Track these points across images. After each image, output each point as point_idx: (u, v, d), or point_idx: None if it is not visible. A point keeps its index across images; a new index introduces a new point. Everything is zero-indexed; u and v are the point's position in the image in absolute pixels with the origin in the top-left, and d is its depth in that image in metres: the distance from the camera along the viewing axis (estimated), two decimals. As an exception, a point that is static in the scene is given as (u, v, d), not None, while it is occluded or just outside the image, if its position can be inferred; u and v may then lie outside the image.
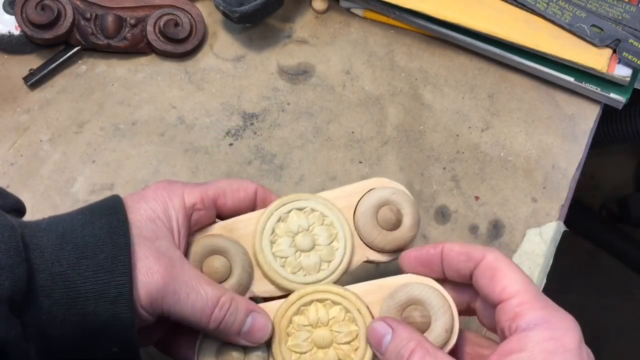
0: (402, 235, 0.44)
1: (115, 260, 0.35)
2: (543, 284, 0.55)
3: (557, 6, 0.62)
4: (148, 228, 0.38)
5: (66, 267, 0.34)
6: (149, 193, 0.40)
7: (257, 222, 0.43)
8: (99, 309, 0.34)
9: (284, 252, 0.43)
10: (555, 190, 0.59)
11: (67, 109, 0.58)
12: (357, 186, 0.45)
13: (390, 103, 0.62)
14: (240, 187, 0.43)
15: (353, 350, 0.41)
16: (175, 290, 0.37)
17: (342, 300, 0.42)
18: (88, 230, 0.35)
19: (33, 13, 0.57)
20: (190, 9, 0.61)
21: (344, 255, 0.43)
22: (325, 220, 0.44)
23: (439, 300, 0.41)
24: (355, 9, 0.65)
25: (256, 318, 0.39)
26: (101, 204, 0.38)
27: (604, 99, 0.62)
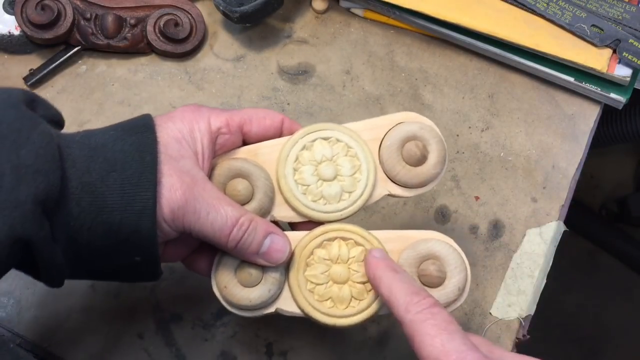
0: (426, 171, 0.44)
1: (142, 177, 0.36)
2: (543, 284, 0.56)
3: (557, 6, 0.62)
4: (174, 147, 0.39)
5: (95, 178, 0.36)
6: (177, 114, 0.41)
7: (282, 149, 0.43)
8: (124, 220, 0.36)
9: (306, 180, 0.43)
10: (555, 190, 0.59)
11: (67, 109, 0.58)
12: (384, 119, 0.45)
13: (390, 103, 0.62)
14: (267, 116, 0.44)
15: (367, 291, 0.42)
16: (196, 208, 0.38)
17: (364, 243, 0.42)
18: (118, 145, 0.37)
19: (33, 13, 0.57)
20: (190, 9, 0.61)
21: (365, 186, 0.43)
22: (350, 151, 0.44)
23: (457, 260, 0.42)
24: (355, 9, 0.65)
25: (275, 239, 0.40)
26: (133, 122, 0.39)
27: (604, 99, 0.62)
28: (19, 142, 0.34)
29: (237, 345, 0.51)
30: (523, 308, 0.54)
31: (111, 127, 0.40)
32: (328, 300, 0.42)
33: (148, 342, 0.51)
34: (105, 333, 0.51)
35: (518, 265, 0.56)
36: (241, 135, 0.43)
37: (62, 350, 0.50)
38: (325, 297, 0.42)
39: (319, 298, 0.42)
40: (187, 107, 0.42)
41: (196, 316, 0.52)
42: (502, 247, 0.56)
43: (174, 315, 0.52)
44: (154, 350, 0.51)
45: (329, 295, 0.42)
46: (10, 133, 0.34)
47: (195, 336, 0.51)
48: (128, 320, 0.51)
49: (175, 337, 0.51)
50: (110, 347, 0.50)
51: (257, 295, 0.41)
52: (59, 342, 0.50)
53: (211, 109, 0.43)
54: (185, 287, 0.53)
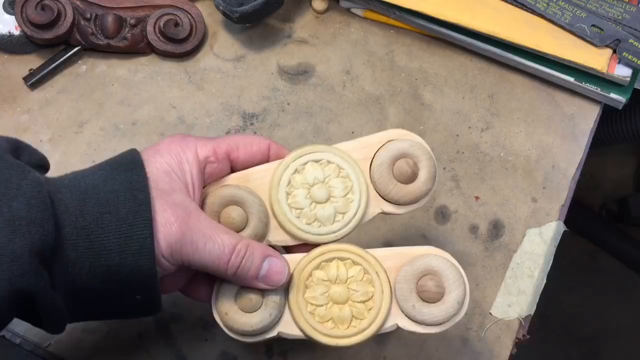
0: (417, 189, 0.44)
1: (136, 215, 0.36)
2: (543, 284, 0.55)
3: (557, 6, 0.62)
4: (164, 181, 0.39)
5: (90, 222, 0.36)
6: (163, 147, 0.41)
7: (274, 173, 0.43)
8: (122, 261, 0.36)
9: (299, 204, 0.43)
10: (555, 190, 0.59)
11: (67, 109, 0.58)
12: (374, 137, 0.45)
13: (390, 103, 0.62)
14: (253, 142, 0.44)
15: (367, 310, 0.42)
16: (193, 240, 0.38)
17: (362, 262, 0.43)
18: (109, 185, 0.37)
19: (33, 13, 0.57)
20: (190, 9, 0.61)
21: (358, 207, 0.44)
22: (341, 172, 0.44)
23: (455, 274, 0.42)
24: (355, 9, 0.65)
25: (273, 262, 0.41)
26: (120, 160, 0.39)
27: (604, 99, 0.62)
28: (9, 193, 0.34)
29: (237, 345, 0.51)
30: (523, 308, 0.54)
31: (99, 166, 0.39)
32: (329, 322, 0.42)
33: (148, 342, 0.51)
34: (105, 333, 0.51)
35: (518, 265, 0.56)
36: (229, 162, 0.43)
37: (62, 350, 0.50)
38: (326, 318, 0.42)
39: (320, 319, 0.42)
40: (174, 138, 0.42)
41: (196, 316, 0.52)
42: (502, 247, 0.56)
43: (174, 315, 0.52)
44: (154, 350, 0.51)
45: (330, 316, 0.42)
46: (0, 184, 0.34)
47: (195, 336, 0.51)
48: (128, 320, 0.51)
49: (175, 337, 0.51)
50: (110, 347, 0.50)
51: (259, 320, 0.41)
52: (59, 342, 0.50)
53: (197, 138, 0.42)
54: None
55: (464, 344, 0.53)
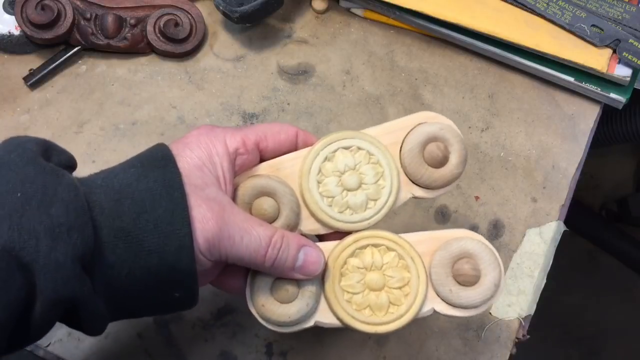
0: (448, 172, 0.43)
1: (174, 214, 0.36)
2: (543, 284, 0.55)
3: (557, 6, 0.62)
4: (196, 176, 0.38)
5: (127, 223, 0.35)
6: (192, 140, 0.40)
7: (304, 162, 0.43)
8: (162, 261, 0.36)
9: (331, 192, 0.43)
10: (555, 190, 0.59)
11: (67, 109, 0.58)
12: (403, 121, 0.44)
13: (390, 103, 0.62)
14: (281, 130, 0.43)
15: (404, 296, 0.42)
16: (230, 234, 0.38)
17: (396, 247, 0.42)
18: (143, 184, 0.36)
19: (33, 13, 0.57)
20: (190, 9, 0.61)
21: (390, 193, 0.43)
22: (372, 158, 0.43)
23: (490, 256, 0.42)
24: (355, 9, 0.65)
25: (308, 252, 0.40)
26: (151, 155, 0.38)
27: (604, 99, 0.62)
28: (46, 199, 0.33)
29: (237, 345, 0.51)
30: (523, 308, 0.54)
31: (129, 163, 0.38)
32: (366, 309, 0.42)
33: (148, 342, 0.51)
34: (105, 333, 0.51)
35: (518, 265, 0.56)
36: (258, 152, 0.43)
37: (62, 350, 0.50)
38: (363, 305, 0.42)
39: (357, 307, 0.42)
40: (201, 130, 0.41)
41: (196, 316, 0.52)
42: (502, 247, 0.56)
43: (174, 315, 0.52)
44: (154, 350, 0.51)
45: (367, 304, 0.42)
46: (35, 192, 0.33)
47: (195, 336, 0.51)
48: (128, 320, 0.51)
49: (175, 337, 0.51)
50: (110, 347, 0.50)
51: (296, 310, 0.41)
52: (59, 342, 0.50)
53: (225, 128, 0.42)
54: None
55: (464, 344, 0.53)
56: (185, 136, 0.41)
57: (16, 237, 0.31)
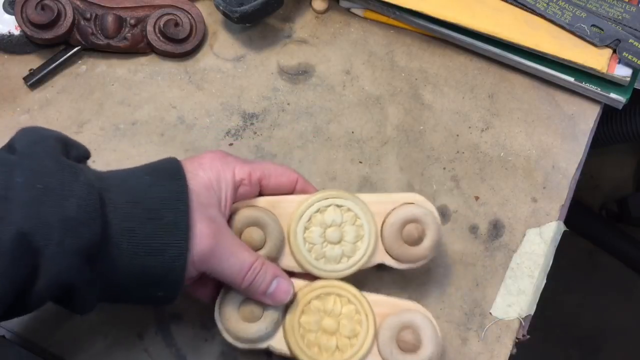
0: (419, 252, 0.49)
1: (177, 225, 0.40)
2: (543, 284, 0.55)
3: (557, 6, 0.62)
4: (204, 195, 0.43)
5: (135, 224, 0.39)
6: (206, 162, 0.45)
7: (298, 207, 0.48)
8: (158, 264, 0.40)
9: (313, 239, 0.48)
10: (555, 190, 0.59)
11: (67, 109, 0.58)
12: (393, 196, 0.50)
13: (390, 103, 0.62)
14: (284, 173, 0.48)
15: (350, 346, 0.47)
16: (220, 253, 0.42)
17: (356, 302, 0.48)
18: (155, 192, 0.40)
19: (33, 13, 0.57)
20: (190, 9, 0.61)
21: (364, 254, 0.49)
22: (357, 221, 0.49)
23: (432, 333, 0.47)
24: (355, 9, 0.65)
25: (281, 282, 0.45)
26: (164, 167, 0.43)
27: (604, 99, 0.62)
28: (63, 194, 0.37)
29: (237, 345, 0.51)
30: (523, 308, 0.54)
31: (144, 169, 0.42)
32: (315, 347, 0.47)
33: (148, 342, 0.51)
34: (105, 333, 0.51)
35: (518, 265, 0.56)
36: (259, 187, 0.48)
37: (62, 350, 0.50)
38: (314, 343, 0.47)
39: (308, 343, 0.47)
40: (216, 156, 0.45)
41: (196, 316, 0.52)
42: (502, 247, 0.56)
43: (174, 315, 0.52)
44: (154, 350, 0.51)
45: (317, 343, 0.47)
46: (54, 186, 0.37)
47: (195, 336, 0.51)
48: (128, 320, 0.51)
49: (175, 337, 0.51)
50: (110, 347, 0.50)
51: (255, 330, 0.46)
52: (59, 342, 0.50)
53: (236, 159, 0.46)
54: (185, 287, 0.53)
55: (464, 344, 0.53)
56: (201, 156, 0.45)
57: (32, 224, 0.35)
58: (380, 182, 0.58)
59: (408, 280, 0.54)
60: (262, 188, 0.48)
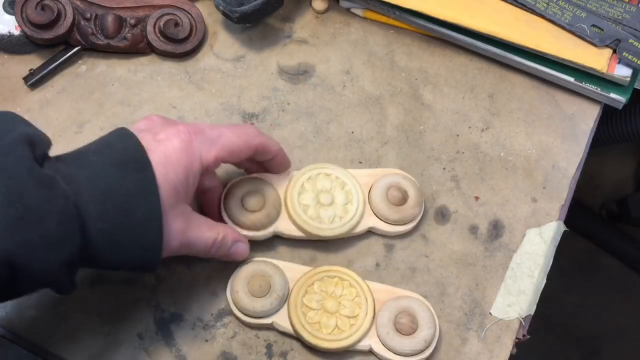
0: (405, 212, 0.54)
1: (151, 218, 0.42)
2: (543, 284, 0.55)
3: (557, 6, 0.62)
4: (171, 195, 0.44)
5: (110, 224, 0.40)
6: (173, 157, 0.44)
7: (292, 177, 0.54)
8: (134, 256, 0.42)
9: (307, 202, 0.53)
10: (555, 190, 0.59)
11: (67, 109, 0.58)
12: (378, 171, 0.56)
13: (390, 103, 0.62)
14: (244, 145, 0.49)
15: (349, 325, 0.50)
16: (189, 240, 0.46)
17: (357, 287, 0.51)
18: (123, 188, 0.41)
19: (33, 13, 0.57)
20: (190, 9, 0.61)
21: (354, 214, 0.53)
22: (345, 187, 0.54)
23: (429, 318, 0.51)
24: (355, 9, 0.65)
25: (238, 246, 0.50)
26: (128, 155, 0.43)
27: (604, 99, 0.62)
28: (41, 212, 0.38)
29: (237, 346, 0.51)
30: (523, 308, 0.54)
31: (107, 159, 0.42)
32: (316, 324, 0.50)
33: (148, 342, 0.51)
34: (105, 333, 0.51)
35: (518, 265, 0.56)
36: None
37: (62, 350, 0.50)
38: (314, 320, 0.50)
39: (309, 320, 0.50)
40: (182, 144, 0.45)
41: (196, 316, 0.52)
42: (502, 247, 0.56)
43: (174, 315, 0.52)
44: (154, 350, 0.51)
45: (318, 320, 0.50)
46: (33, 204, 0.37)
47: (196, 336, 0.51)
48: (128, 320, 0.51)
49: (175, 337, 0.51)
50: (110, 347, 0.50)
51: (260, 305, 0.50)
52: (59, 342, 0.50)
53: (201, 142, 0.46)
54: (185, 287, 0.53)
55: (463, 344, 0.53)
56: (166, 141, 0.44)
57: (15, 247, 0.36)
58: (380, 182, 0.58)
59: (408, 280, 0.54)
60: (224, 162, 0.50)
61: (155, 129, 0.45)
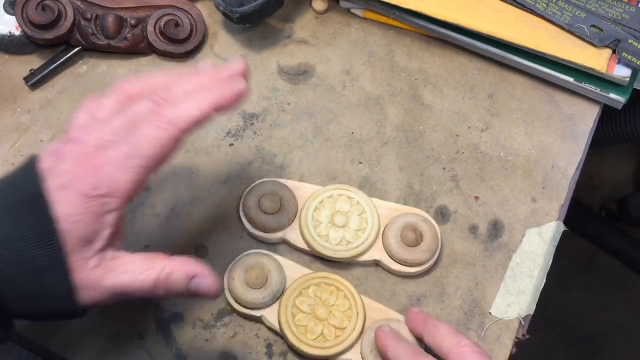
0: (415, 256, 0.53)
1: (52, 262, 0.37)
2: (543, 284, 0.56)
3: (557, 6, 0.62)
4: (78, 244, 0.39)
5: (10, 273, 0.37)
6: (80, 204, 0.39)
7: (314, 191, 0.55)
8: (49, 305, 0.39)
9: (321, 219, 0.54)
10: (555, 190, 0.59)
11: (67, 109, 0.58)
12: (403, 207, 0.56)
13: (390, 103, 0.62)
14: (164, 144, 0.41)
15: (335, 336, 0.50)
16: (115, 287, 0.40)
17: (351, 299, 0.51)
18: (18, 232, 0.37)
19: (34, 13, 0.57)
20: (190, 9, 0.61)
21: (362, 244, 0.53)
22: (363, 214, 0.54)
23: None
24: (355, 9, 0.65)
25: (198, 282, 0.42)
26: (28, 195, 0.38)
27: (604, 99, 0.62)
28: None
29: (237, 345, 0.51)
30: (523, 308, 0.54)
31: (7, 200, 0.38)
32: (302, 327, 0.50)
33: (148, 342, 0.51)
34: (105, 333, 0.51)
35: (518, 265, 0.56)
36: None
37: (62, 350, 0.50)
38: (302, 323, 0.50)
39: (297, 322, 0.50)
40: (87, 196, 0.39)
41: (197, 316, 0.52)
42: (501, 247, 0.56)
43: (174, 315, 0.52)
44: (154, 350, 0.51)
45: (305, 324, 0.50)
46: None
47: (196, 336, 0.51)
48: (128, 320, 0.51)
49: (176, 337, 0.51)
50: (110, 347, 0.50)
51: (253, 297, 0.50)
52: (59, 342, 0.50)
53: (112, 171, 0.39)
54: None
55: (463, 343, 0.53)
56: (71, 185, 0.38)
57: None
58: (380, 182, 0.58)
59: (407, 280, 0.54)
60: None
61: (61, 166, 0.39)
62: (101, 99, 0.42)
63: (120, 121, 0.41)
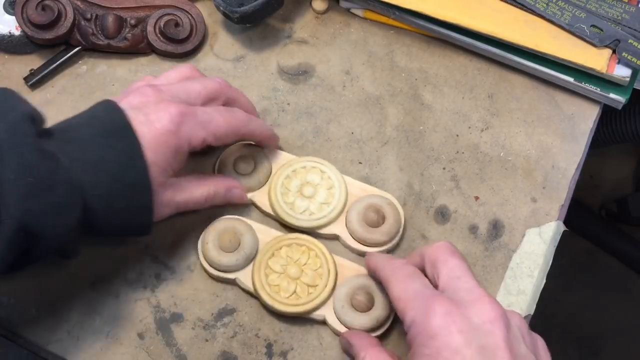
0: (373, 236, 0.53)
1: (139, 179, 0.45)
2: (543, 284, 0.56)
3: (557, 6, 0.62)
4: (159, 174, 0.47)
5: (102, 191, 0.44)
6: (162, 139, 0.47)
7: (289, 160, 0.56)
8: (128, 219, 0.46)
9: (290, 187, 0.55)
10: (555, 190, 0.59)
11: (67, 109, 0.58)
12: (371, 188, 0.56)
13: (390, 103, 0.62)
14: (229, 135, 0.51)
15: (307, 293, 0.51)
16: (179, 204, 0.50)
17: (322, 258, 0.53)
18: (112, 155, 0.44)
19: (33, 13, 0.57)
20: (190, 9, 0.61)
21: (325, 215, 0.54)
22: (332, 189, 0.55)
23: (384, 297, 0.51)
24: (355, 9, 0.65)
25: (232, 192, 0.54)
26: (113, 126, 0.46)
27: (604, 99, 0.62)
28: (50, 184, 0.41)
29: (237, 345, 0.51)
30: (523, 308, 0.54)
31: (95, 130, 0.45)
32: (276, 286, 0.51)
33: (148, 342, 0.51)
34: (106, 333, 0.51)
35: (518, 265, 0.56)
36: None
37: (62, 350, 0.50)
38: (275, 283, 0.51)
39: (270, 282, 0.51)
40: (173, 132, 0.47)
41: (196, 316, 0.52)
42: (501, 247, 0.56)
43: (174, 315, 0.52)
44: (154, 350, 0.51)
45: (278, 283, 0.51)
46: (42, 177, 0.41)
47: (196, 336, 0.51)
48: (128, 320, 0.51)
49: (176, 337, 0.51)
50: (110, 347, 0.50)
51: (227, 260, 0.52)
52: (59, 342, 0.50)
53: (191, 127, 0.48)
54: (185, 287, 0.53)
55: (463, 343, 0.53)
56: (156, 122, 0.46)
57: (30, 216, 0.40)
58: (380, 182, 0.58)
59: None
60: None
61: (147, 107, 0.47)
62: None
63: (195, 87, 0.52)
